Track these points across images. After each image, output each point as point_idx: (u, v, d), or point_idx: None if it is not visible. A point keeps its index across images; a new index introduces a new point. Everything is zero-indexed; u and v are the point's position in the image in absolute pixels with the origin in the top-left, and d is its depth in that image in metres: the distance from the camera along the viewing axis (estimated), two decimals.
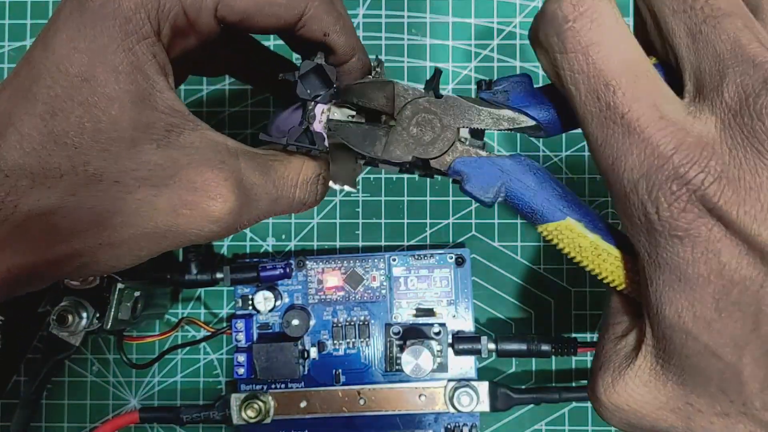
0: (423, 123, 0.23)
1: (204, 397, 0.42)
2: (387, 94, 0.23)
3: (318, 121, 0.24)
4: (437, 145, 0.23)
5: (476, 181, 0.22)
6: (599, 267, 0.22)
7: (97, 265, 0.22)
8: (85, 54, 0.21)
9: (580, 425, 0.41)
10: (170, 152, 0.21)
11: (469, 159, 0.23)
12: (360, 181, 0.42)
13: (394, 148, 0.23)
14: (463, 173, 0.22)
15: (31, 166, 0.20)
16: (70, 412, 0.42)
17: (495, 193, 0.22)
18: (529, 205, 0.22)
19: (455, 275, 0.40)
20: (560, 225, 0.22)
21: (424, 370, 0.37)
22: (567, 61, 0.19)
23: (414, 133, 0.23)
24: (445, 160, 0.23)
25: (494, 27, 0.42)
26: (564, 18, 0.19)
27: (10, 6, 0.43)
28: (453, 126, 0.23)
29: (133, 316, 0.37)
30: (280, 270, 0.39)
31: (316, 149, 0.24)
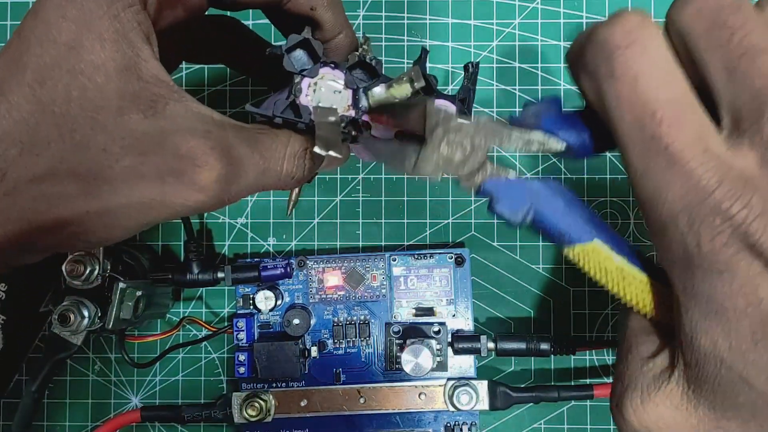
0: (453, 143, 0.23)
1: (205, 395, 0.42)
2: (419, 113, 0.23)
3: (304, 94, 0.24)
4: (467, 166, 0.23)
5: (506, 202, 0.22)
6: (624, 290, 0.22)
7: (86, 235, 0.22)
8: (73, 22, 0.21)
9: (579, 424, 0.41)
10: (157, 122, 0.22)
11: (499, 181, 0.23)
12: (360, 181, 0.42)
13: (424, 166, 0.23)
14: (493, 194, 0.23)
15: (20, 134, 0.21)
16: (72, 411, 0.42)
17: (524, 215, 0.22)
18: (556, 227, 0.22)
19: (455, 275, 0.40)
20: (587, 247, 0.22)
21: (424, 369, 0.37)
22: (615, 89, 0.19)
23: (444, 153, 0.23)
24: (476, 181, 0.23)
25: (494, 29, 0.43)
26: (615, 45, 0.19)
27: (12, 6, 0.44)
28: (483, 146, 0.23)
29: (135, 315, 0.37)
30: (280, 269, 0.39)
31: (302, 122, 0.24)
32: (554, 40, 0.42)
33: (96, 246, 0.24)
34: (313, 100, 0.24)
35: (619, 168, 0.42)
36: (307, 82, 0.24)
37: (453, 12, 0.43)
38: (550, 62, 0.42)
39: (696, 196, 0.18)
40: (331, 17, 0.25)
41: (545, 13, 0.42)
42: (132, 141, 0.21)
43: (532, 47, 0.42)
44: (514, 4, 0.43)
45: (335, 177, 0.43)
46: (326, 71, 0.24)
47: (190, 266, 0.39)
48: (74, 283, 0.36)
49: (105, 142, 0.21)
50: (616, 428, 0.22)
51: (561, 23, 0.42)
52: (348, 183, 0.43)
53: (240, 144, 0.23)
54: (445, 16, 0.43)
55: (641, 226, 0.42)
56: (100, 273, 0.36)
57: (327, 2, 0.24)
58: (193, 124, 0.22)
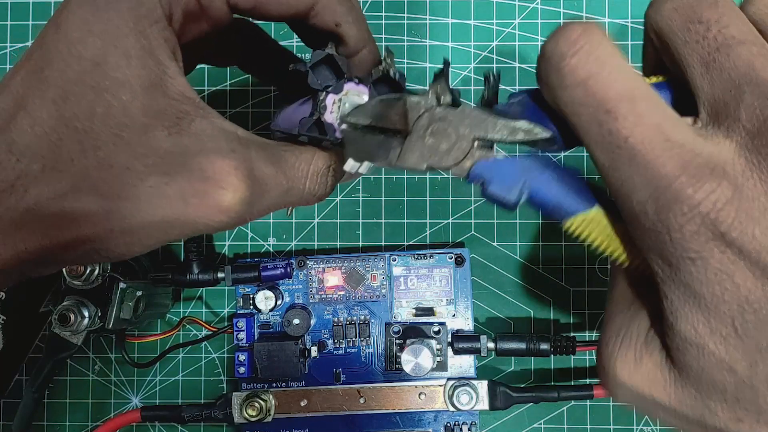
0: (438, 132, 0.23)
1: (205, 395, 0.42)
2: (399, 110, 0.23)
3: (329, 111, 0.24)
4: (453, 154, 0.23)
5: (498, 182, 0.22)
6: (632, 254, 0.22)
7: (106, 252, 0.22)
8: (99, 37, 0.20)
9: (579, 424, 0.41)
10: (181, 139, 0.21)
11: (488, 161, 0.23)
12: (360, 181, 0.42)
13: (409, 157, 0.23)
14: (485, 176, 0.22)
15: (42, 150, 0.20)
16: (72, 411, 0.42)
17: (519, 193, 0.22)
18: (554, 200, 0.22)
19: (455, 275, 0.40)
20: (588, 215, 0.21)
21: (424, 368, 0.37)
22: (568, 96, 0.19)
23: (429, 143, 0.23)
24: (464, 166, 0.23)
25: (493, 28, 0.43)
26: (561, 55, 0.19)
27: (12, 7, 0.44)
28: (468, 136, 0.23)
29: (135, 315, 0.37)
30: (280, 269, 0.39)
31: (327, 140, 0.24)
32: None
33: (115, 260, 0.24)
34: (338, 116, 0.24)
35: None
36: (332, 98, 0.24)
37: (453, 12, 0.43)
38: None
39: (660, 184, 0.18)
40: (355, 33, 0.25)
41: (545, 13, 0.42)
42: (156, 160, 0.21)
43: (532, 47, 0.42)
44: (514, 4, 0.43)
45: None
46: (350, 87, 0.24)
47: (190, 266, 0.39)
48: (74, 283, 0.36)
49: (129, 160, 0.21)
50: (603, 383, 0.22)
51: (561, 23, 0.42)
52: (348, 183, 0.43)
53: (264, 163, 0.23)
54: (445, 16, 0.43)
55: None
56: (101, 273, 0.36)
57: (352, 18, 0.24)
58: (218, 143, 0.22)
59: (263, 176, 0.23)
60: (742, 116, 0.18)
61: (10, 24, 0.44)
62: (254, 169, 0.22)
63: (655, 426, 0.41)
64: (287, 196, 0.24)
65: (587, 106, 0.19)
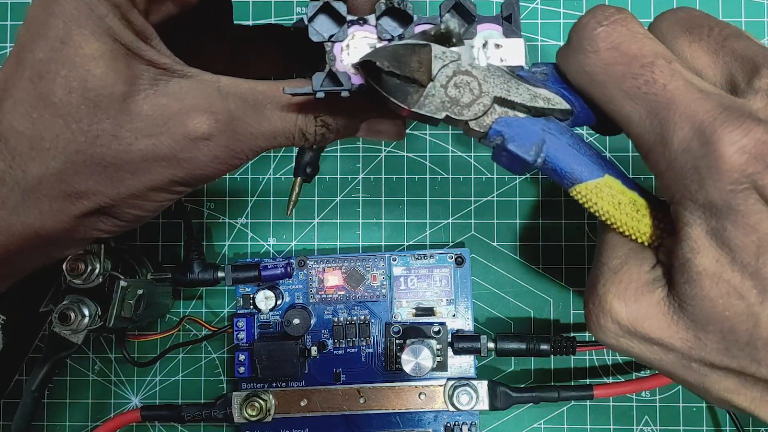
0: (462, 85, 0.22)
1: (205, 395, 0.42)
2: (421, 58, 0.22)
3: (339, 60, 0.23)
4: (473, 108, 0.22)
5: (519, 139, 0.22)
6: (638, 223, 0.22)
7: (120, 217, 0.24)
8: (60, 18, 0.21)
9: (579, 424, 0.41)
10: (159, 100, 0.22)
11: (510, 118, 0.22)
12: (360, 181, 0.42)
13: (428, 103, 0.22)
14: (505, 132, 0.22)
15: (26, 128, 0.21)
16: (72, 410, 0.42)
17: (536, 153, 0.22)
18: (569, 163, 0.22)
19: (455, 275, 0.40)
20: (600, 182, 0.22)
21: (424, 368, 0.37)
22: (599, 58, 0.21)
23: (451, 94, 0.22)
24: (484, 121, 0.22)
25: None
26: (597, 23, 0.21)
27: (12, 7, 0.44)
28: (491, 93, 0.22)
29: (136, 314, 0.37)
30: (281, 269, 0.39)
31: (345, 89, 0.23)
32: (554, 40, 0.42)
33: (131, 226, 0.24)
34: (349, 63, 0.23)
35: None
36: (339, 47, 0.23)
37: None
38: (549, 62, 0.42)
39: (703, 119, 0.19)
40: None
41: (545, 13, 0.42)
42: (139, 124, 0.22)
43: (532, 47, 0.42)
44: None
45: (335, 177, 0.43)
46: (355, 29, 0.23)
47: (191, 266, 0.39)
48: (75, 282, 0.35)
49: (113, 128, 0.22)
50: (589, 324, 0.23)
51: (561, 23, 0.42)
52: (348, 183, 0.43)
53: (247, 112, 0.23)
54: None
55: None
56: (101, 272, 0.36)
57: None
58: (197, 99, 0.23)
59: (247, 125, 0.23)
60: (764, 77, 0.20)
61: (10, 24, 0.44)
62: (236, 119, 0.23)
63: (655, 426, 0.41)
64: (274, 140, 0.24)
65: (620, 64, 0.20)
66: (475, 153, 0.42)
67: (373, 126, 0.26)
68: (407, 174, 0.42)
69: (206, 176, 0.24)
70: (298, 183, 0.37)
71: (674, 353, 0.22)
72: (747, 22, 0.42)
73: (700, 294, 0.20)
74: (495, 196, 0.42)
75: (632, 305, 0.22)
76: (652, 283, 0.22)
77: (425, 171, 0.42)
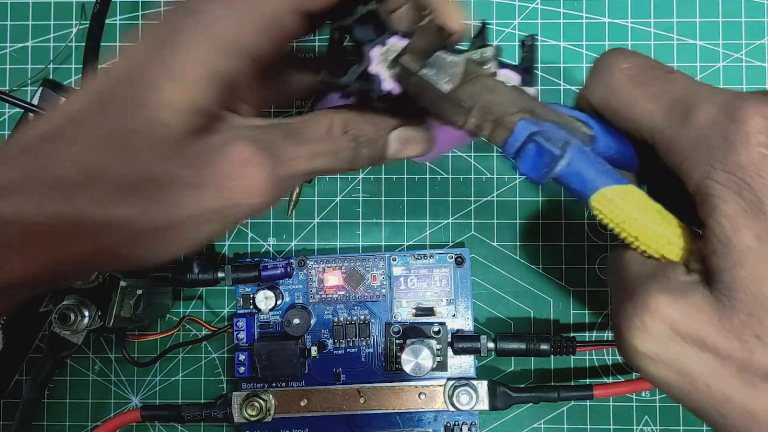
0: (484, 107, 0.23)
1: (205, 395, 0.42)
2: (455, 70, 0.23)
3: (375, 63, 0.24)
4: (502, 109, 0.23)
5: (546, 134, 0.22)
6: (666, 230, 0.21)
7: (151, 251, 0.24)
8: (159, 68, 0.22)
9: (579, 424, 0.41)
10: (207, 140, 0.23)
11: (535, 120, 0.23)
12: (360, 181, 0.42)
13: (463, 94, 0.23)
14: (532, 128, 0.22)
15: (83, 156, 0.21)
16: (72, 411, 0.42)
17: (563, 148, 0.22)
18: (594, 167, 0.22)
19: (455, 275, 0.40)
20: (626, 188, 0.21)
21: (424, 368, 0.37)
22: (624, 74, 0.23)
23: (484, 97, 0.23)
24: (513, 119, 0.23)
25: (493, 28, 0.43)
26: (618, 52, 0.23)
27: (12, 7, 0.44)
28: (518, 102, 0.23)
29: (135, 314, 0.37)
30: (281, 269, 0.39)
31: (373, 90, 0.24)
32: (554, 40, 0.42)
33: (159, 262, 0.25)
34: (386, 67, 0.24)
35: None
36: (377, 50, 0.24)
37: None
38: (550, 62, 0.42)
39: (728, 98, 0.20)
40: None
41: (545, 13, 0.42)
42: (186, 160, 0.22)
43: None
44: (514, 4, 0.43)
45: (335, 177, 0.43)
46: (395, 41, 0.24)
47: (190, 266, 0.39)
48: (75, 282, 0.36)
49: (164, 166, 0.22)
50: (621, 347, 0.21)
51: (561, 23, 0.42)
52: (348, 183, 0.43)
53: (283, 139, 0.24)
54: None
55: None
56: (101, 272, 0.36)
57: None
58: (238, 133, 0.23)
59: (285, 149, 0.24)
60: None
61: (10, 24, 0.44)
62: (275, 147, 0.23)
63: (655, 426, 0.41)
64: (313, 162, 0.24)
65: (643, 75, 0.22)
66: (475, 153, 0.42)
67: (402, 135, 0.26)
68: (407, 174, 0.42)
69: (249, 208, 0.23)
70: None
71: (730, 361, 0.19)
72: (747, 22, 0.42)
73: (749, 276, 0.19)
74: (495, 196, 0.42)
75: (681, 302, 0.20)
76: (692, 285, 0.20)
77: (425, 171, 0.42)
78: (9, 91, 0.43)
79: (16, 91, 0.43)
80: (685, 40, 0.42)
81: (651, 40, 0.42)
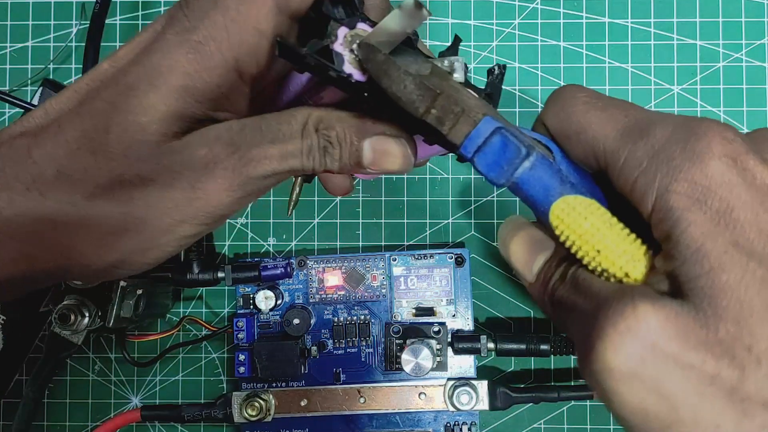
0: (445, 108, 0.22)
1: (205, 395, 0.42)
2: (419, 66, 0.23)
3: (339, 42, 0.23)
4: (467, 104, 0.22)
5: (512, 130, 0.21)
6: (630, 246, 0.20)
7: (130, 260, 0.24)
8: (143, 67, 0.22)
9: (579, 424, 0.41)
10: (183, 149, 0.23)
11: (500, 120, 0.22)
12: (360, 182, 0.42)
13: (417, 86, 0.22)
14: (498, 124, 0.21)
15: (59, 157, 0.22)
16: (72, 410, 0.42)
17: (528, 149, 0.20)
18: (558, 175, 0.20)
19: (455, 275, 0.40)
20: (590, 200, 0.20)
21: (424, 368, 0.37)
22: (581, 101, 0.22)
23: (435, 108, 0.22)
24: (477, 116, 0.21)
25: (493, 28, 0.43)
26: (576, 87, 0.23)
27: (12, 7, 0.44)
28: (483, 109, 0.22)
29: (136, 314, 0.37)
30: (281, 269, 0.39)
31: (334, 69, 0.23)
32: (554, 40, 0.42)
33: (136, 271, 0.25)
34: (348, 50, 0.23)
35: None
36: (343, 31, 0.23)
37: (453, 12, 0.43)
38: (549, 62, 0.42)
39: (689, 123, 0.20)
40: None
41: (545, 13, 0.42)
42: (159, 168, 0.23)
43: (532, 47, 0.42)
44: (514, 4, 0.43)
45: None
46: (362, 26, 0.23)
47: (191, 266, 0.39)
48: (74, 282, 0.36)
49: (139, 170, 0.22)
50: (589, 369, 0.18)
51: (561, 23, 0.42)
52: None
53: (257, 139, 0.24)
54: (445, 16, 0.43)
55: None
56: None
57: None
58: (213, 134, 0.23)
59: (257, 150, 0.23)
60: None
61: (10, 24, 0.44)
62: (247, 147, 0.23)
63: None
64: (287, 162, 0.24)
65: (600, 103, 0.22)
66: None
67: (378, 145, 0.25)
68: (407, 174, 0.42)
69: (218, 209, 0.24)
70: (298, 183, 0.36)
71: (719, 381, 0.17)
72: (747, 22, 0.42)
73: (731, 281, 0.17)
74: (495, 196, 0.42)
75: (661, 312, 0.17)
76: (667, 298, 0.18)
77: (425, 171, 0.42)
78: (9, 91, 0.43)
79: (16, 91, 0.43)
80: (685, 40, 0.42)
81: (651, 40, 0.42)
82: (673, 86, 0.42)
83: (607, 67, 0.42)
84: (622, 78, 0.42)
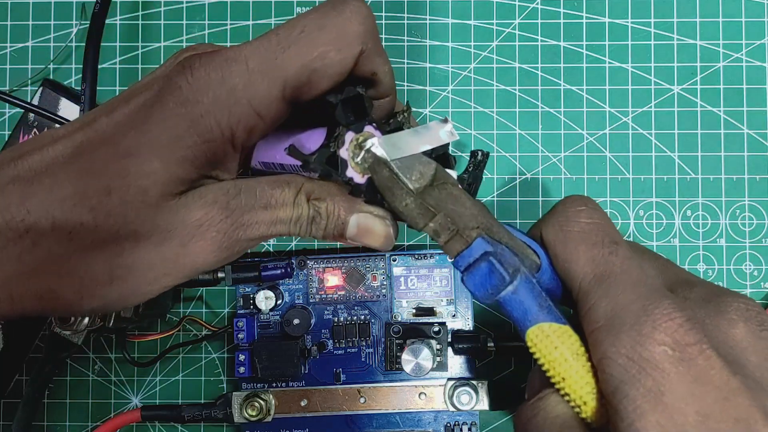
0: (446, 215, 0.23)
1: (205, 395, 0.42)
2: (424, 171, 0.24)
3: (345, 148, 0.24)
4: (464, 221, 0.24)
5: (501, 257, 0.22)
6: (593, 379, 0.21)
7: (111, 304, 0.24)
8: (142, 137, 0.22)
9: None
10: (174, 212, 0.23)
11: (492, 240, 0.23)
12: None
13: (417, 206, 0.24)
14: (489, 247, 0.23)
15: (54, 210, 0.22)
16: (72, 411, 0.42)
17: (513, 275, 0.22)
18: (539, 300, 0.22)
19: (455, 275, 0.40)
20: (565, 328, 0.22)
21: (424, 368, 0.37)
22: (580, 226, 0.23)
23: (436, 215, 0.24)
24: (471, 236, 0.23)
25: (493, 28, 0.43)
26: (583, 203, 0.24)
27: (12, 7, 0.44)
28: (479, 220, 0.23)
29: (136, 314, 0.37)
30: (281, 269, 0.39)
31: (338, 176, 0.24)
32: (554, 40, 0.42)
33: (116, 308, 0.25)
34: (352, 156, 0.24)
35: (618, 169, 0.42)
36: (350, 136, 0.24)
37: (453, 12, 0.43)
38: (550, 62, 0.42)
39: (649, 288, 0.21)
40: (387, 81, 0.25)
41: (545, 13, 0.42)
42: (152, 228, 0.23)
43: (532, 47, 0.42)
44: (514, 4, 0.43)
45: None
46: (369, 129, 0.24)
47: None
48: None
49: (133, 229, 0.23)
50: None
51: (561, 23, 0.42)
52: None
53: (250, 204, 0.24)
54: (445, 16, 0.43)
55: (640, 226, 0.42)
56: None
57: (388, 69, 0.25)
58: (209, 196, 0.24)
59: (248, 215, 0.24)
60: None
61: (10, 24, 0.44)
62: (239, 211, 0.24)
63: None
64: (275, 228, 0.25)
65: (595, 234, 0.23)
66: None
67: (362, 223, 0.26)
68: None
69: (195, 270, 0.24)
70: None
71: None
72: (747, 22, 0.42)
73: None
74: (495, 196, 0.42)
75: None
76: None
77: None
78: (9, 91, 0.43)
79: (16, 91, 0.43)
80: (685, 40, 0.42)
81: (651, 40, 0.42)
82: (673, 86, 0.42)
83: (607, 67, 0.42)
84: (622, 78, 0.42)
